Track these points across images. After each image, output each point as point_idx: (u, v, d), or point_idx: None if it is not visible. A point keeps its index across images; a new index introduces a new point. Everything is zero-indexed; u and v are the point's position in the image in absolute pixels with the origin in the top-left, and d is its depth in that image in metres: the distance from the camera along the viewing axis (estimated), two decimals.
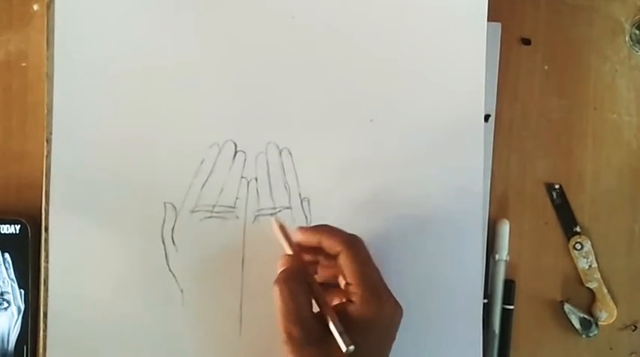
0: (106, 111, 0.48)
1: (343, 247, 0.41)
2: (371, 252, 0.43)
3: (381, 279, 0.42)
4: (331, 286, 0.44)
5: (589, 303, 0.54)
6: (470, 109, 0.50)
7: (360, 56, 0.50)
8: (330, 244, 0.42)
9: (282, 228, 0.46)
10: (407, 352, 0.49)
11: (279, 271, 0.43)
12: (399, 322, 0.42)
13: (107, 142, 0.48)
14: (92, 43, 0.48)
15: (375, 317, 0.40)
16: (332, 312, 0.40)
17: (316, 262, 0.45)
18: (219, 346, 0.48)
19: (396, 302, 0.42)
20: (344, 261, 0.41)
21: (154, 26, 0.48)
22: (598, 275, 0.53)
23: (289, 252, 0.44)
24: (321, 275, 0.44)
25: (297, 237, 0.44)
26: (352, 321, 0.40)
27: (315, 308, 0.42)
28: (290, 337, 0.39)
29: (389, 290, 0.42)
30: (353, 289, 0.41)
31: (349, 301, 0.41)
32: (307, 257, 0.44)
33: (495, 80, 0.53)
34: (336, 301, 0.43)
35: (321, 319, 0.40)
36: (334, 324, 0.39)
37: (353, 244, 0.42)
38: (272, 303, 0.41)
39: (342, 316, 0.40)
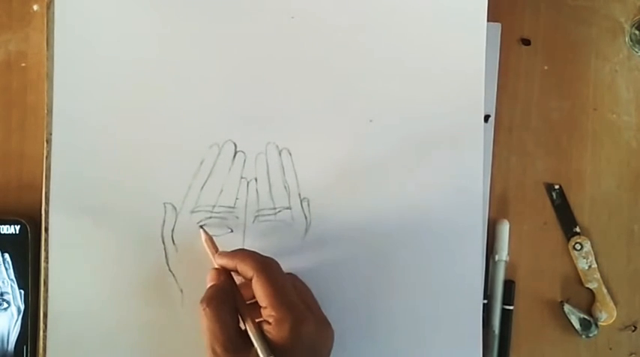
0: (105, 111, 0.48)
1: (254, 271, 0.42)
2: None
3: (299, 300, 0.42)
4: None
5: (589, 303, 0.54)
6: (470, 109, 0.50)
7: (360, 56, 0.50)
8: (243, 269, 0.43)
9: (210, 240, 0.46)
10: (407, 352, 0.49)
11: (207, 286, 0.43)
12: (327, 342, 0.43)
13: (107, 142, 0.48)
14: (92, 44, 0.48)
15: (292, 339, 0.40)
16: (254, 325, 0.41)
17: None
18: None
19: (322, 322, 0.43)
20: (255, 285, 0.42)
21: (153, 27, 0.48)
22: (598, 275, 0.53)
23: (215, 265, 0.45)
24: (249, 294, 0.44)
25: (217, 261, 0.45)
26: (270, 342, 0.41)
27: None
28: (214, 353, 0.41)
29: (311, 311, 0.43)
30: (267, 312, 0.41)
31: (267, 322, 0.41)
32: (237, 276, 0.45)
33: (495, 80, 0.53)
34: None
35: (246, 334, 0.41)
36: (253, 335, 0.41)
37: (265, 268, 0.42)
38: None
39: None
